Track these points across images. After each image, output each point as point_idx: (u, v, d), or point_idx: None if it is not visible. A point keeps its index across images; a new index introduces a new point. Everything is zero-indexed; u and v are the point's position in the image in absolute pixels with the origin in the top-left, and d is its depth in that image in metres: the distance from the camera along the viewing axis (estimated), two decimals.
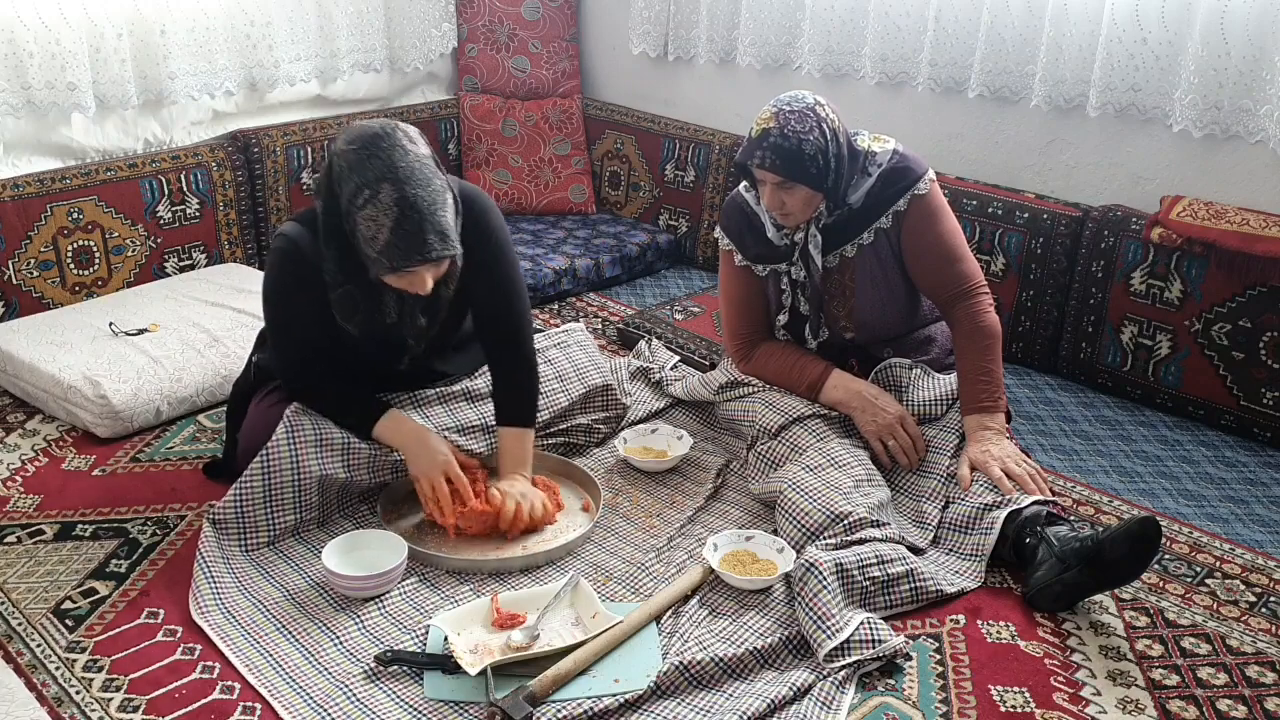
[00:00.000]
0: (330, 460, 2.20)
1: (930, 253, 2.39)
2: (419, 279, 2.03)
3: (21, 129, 3.13)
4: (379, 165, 1.97)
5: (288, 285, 2.17)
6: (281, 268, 2.16)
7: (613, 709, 1.77)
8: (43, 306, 3.08)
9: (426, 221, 1.96)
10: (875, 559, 2.03)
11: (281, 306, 2.20)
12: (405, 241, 1.96)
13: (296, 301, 2.17)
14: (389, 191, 1.95)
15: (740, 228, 2.50)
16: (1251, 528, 2.36)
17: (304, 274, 2.13)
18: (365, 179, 1.97)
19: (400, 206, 1.95)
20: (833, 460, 2.27)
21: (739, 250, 2.51)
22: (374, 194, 1.96)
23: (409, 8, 3.88)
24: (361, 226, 1.99)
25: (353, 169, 1.99)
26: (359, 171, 1.98)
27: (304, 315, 2.18)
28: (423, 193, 1.97)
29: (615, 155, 4.04)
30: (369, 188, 1.96)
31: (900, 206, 2.37)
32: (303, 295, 2.15)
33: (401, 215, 1.95)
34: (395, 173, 1.96)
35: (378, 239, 1.97)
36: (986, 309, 2.38)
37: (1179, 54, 2.76)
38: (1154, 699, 1.86)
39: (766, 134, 2.27)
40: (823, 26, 3.41)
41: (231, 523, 2.15)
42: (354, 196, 1.99)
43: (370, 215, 1.97)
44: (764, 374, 2.52)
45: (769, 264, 2.48)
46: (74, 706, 1.78)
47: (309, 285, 2.14)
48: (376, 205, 1.96)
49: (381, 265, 2.00)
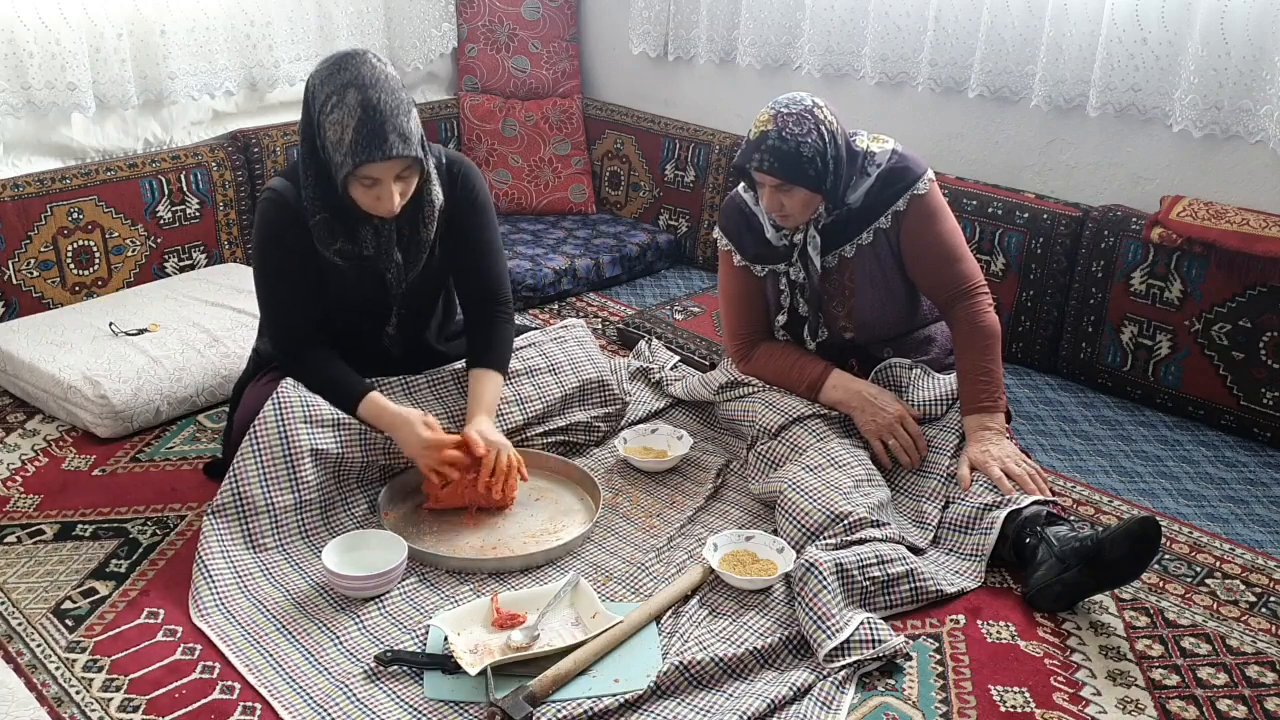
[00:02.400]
0: (321, 434, 2.20)
1: (929, 253, 2.39)
2: (384, 190, 2.09)
3: (21, 129, 3.13)
4: (347, 75, 2.07)
5: (274, 237, 2.23)
6: (267, 218, 2.23)
7: (613, 709, 1.77)
8: (43, 306, 3.08)
9: (388, 121, 2.04)
10: (875, 559, 2.03)
11: (270, 260, 2.25)
12: (367, 139, 2.03)
13: (284, 253, 2.22)
14: (353, 95, 2.05)
15: (739, 228, 2.50)
16: (1251, 528, 2.36)
17: (289, 224, 2.20)
18: (333, 87, 2.07)
19: (363, 107, 2.04)
20: (833, 460, 2.27)
21: (738, 250, 2.51)
22: (340, 99, 2.05)
23: (409, 8, 3.89)
24: (329, 131, 2.07)
25: (323, 82, 2.10)
26: (328, 83, 2.09)
27: (292, 270, 2.24)
28: (386, 97, 2.06)
29: (615, 155, 4.05)
30: (336, 94, 2.06)
31: (899, 206, 2.37)
32: (289, 245, 2.21)
33: (364, 114, 2.03)
34: (360, 79, 2.06)
35: (343, 141, 2.05)
36: (986, 309, 2.38)
37: (1179, 54, 2.76)
38: (1154, 699, 1.86)
39: (765, 136, 2.27)
40: (823, 26, 3.41)
41: (230, 508, 2.15)
42: (323, 105, 2.08)
43: (335, 119, 2.05)
44: (764, 374, 2.53)
45: (767, 264, 2.48)
46: (74, 706, 1.78)
47: (295, 235, 2.20)
48: (342, 108, 2.05)
49: (345, 166, 2.06)
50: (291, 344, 2.28)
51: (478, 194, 2.35)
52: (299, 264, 2.23)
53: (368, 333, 2.36)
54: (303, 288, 2.25)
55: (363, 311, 2.33)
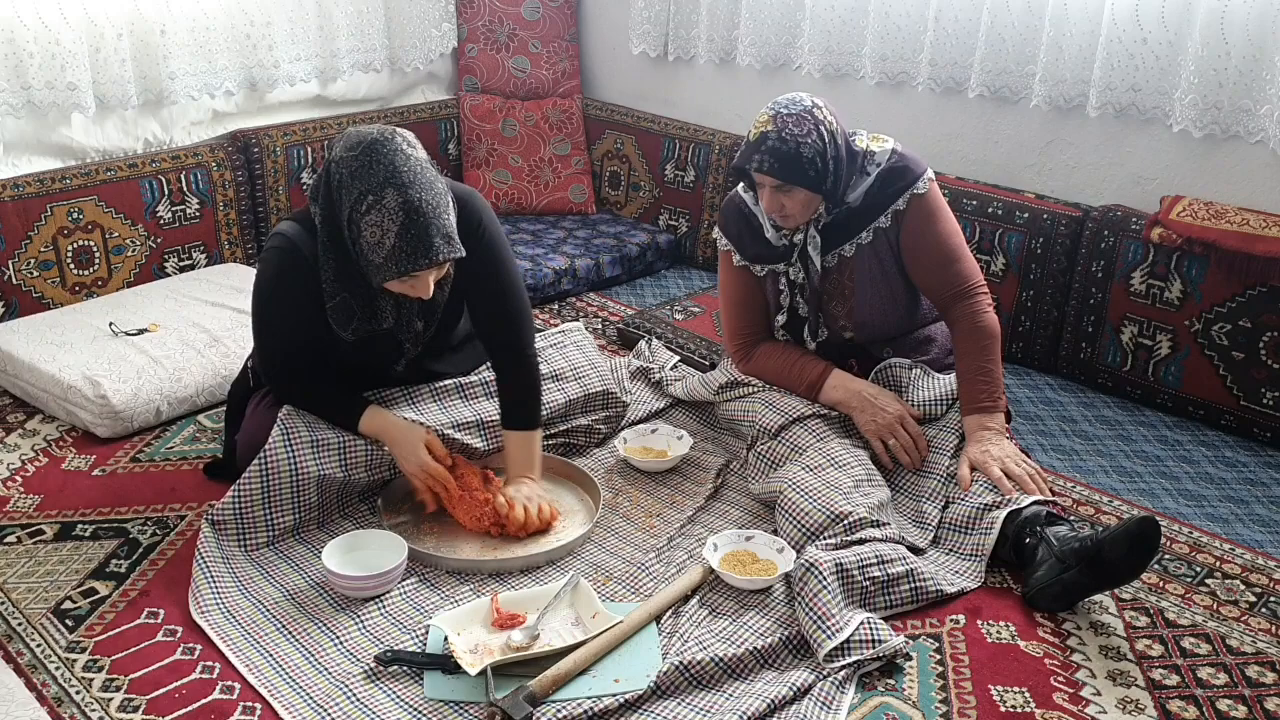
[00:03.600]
0: (328, 460, 2.20)
1: (929, 252, 2.39)
2: (422, 282, 2.03)
3: (21, 129, 3.13)
4: (382, 171, 1.96)
5: (283, 284, 2.15)
6: (279, 266, 2.15)
7: (613, 709, 1.77)
8: (43, 306, 3.08)
9: (432, 225, 1.96)
10: (875, 559, 2.03)
11: (273, 304, 2.19)
12: (412, 245, 1.95)
13: (290, 301, 2.16)
14: (393, 196, 1.94)
15: (738, 228, 2.50)
16: (1251, 528, 2.36)
17: (300, 276, 2.12)
18: (369, 185, 1.96)
19: (406, 211, 1.94)
20: (833, 460, 2.27)
21: (737, 250, 2.51)
22: (378, 199, 1.95)
23: (409, 8, 3.88)
24: (366, 233, 1.98)
25: (355, 176, 1.98)
26: (361, 178, 1.97)
27: (295, 316, 2.17)
28: (427, 196, 1.97)
29: (615, 155, 4.04)
30: (373, 193, 1.96)
31: (899, 206, 2.37)
32: (297, 296, 2.14)
33: (407, 219, 1.94)
34: (399, 177, 1.95)
35: (383, 244, 1.96)
36: (986, 309, 2.38)
37: (1179, 54, 2.76)
38: (1154, 699, 1.86)
39: (764, 137, 2.27)
40: (823, 26, 3.41)
41: (230, 523, 2.16)
42: (357, 203, 1.98)
43: (375, 221, 1.96)
44: (763, 374, 2.52)
45: (767, 264, 2.48)
46: (74, 706, 1.78)
47: (305, 287, 2.13)
48: (381, 210, 1.95)
49: (388, 271, 1.99)
50: (284, 372, 2.25)
51: (487, 230, 2.23)
52: (304, 314, 2.16)
53: (374, 369, 2.33)
54: (302, 332, 2.19)
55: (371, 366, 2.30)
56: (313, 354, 2.23)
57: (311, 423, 2.21)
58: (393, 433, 2.23)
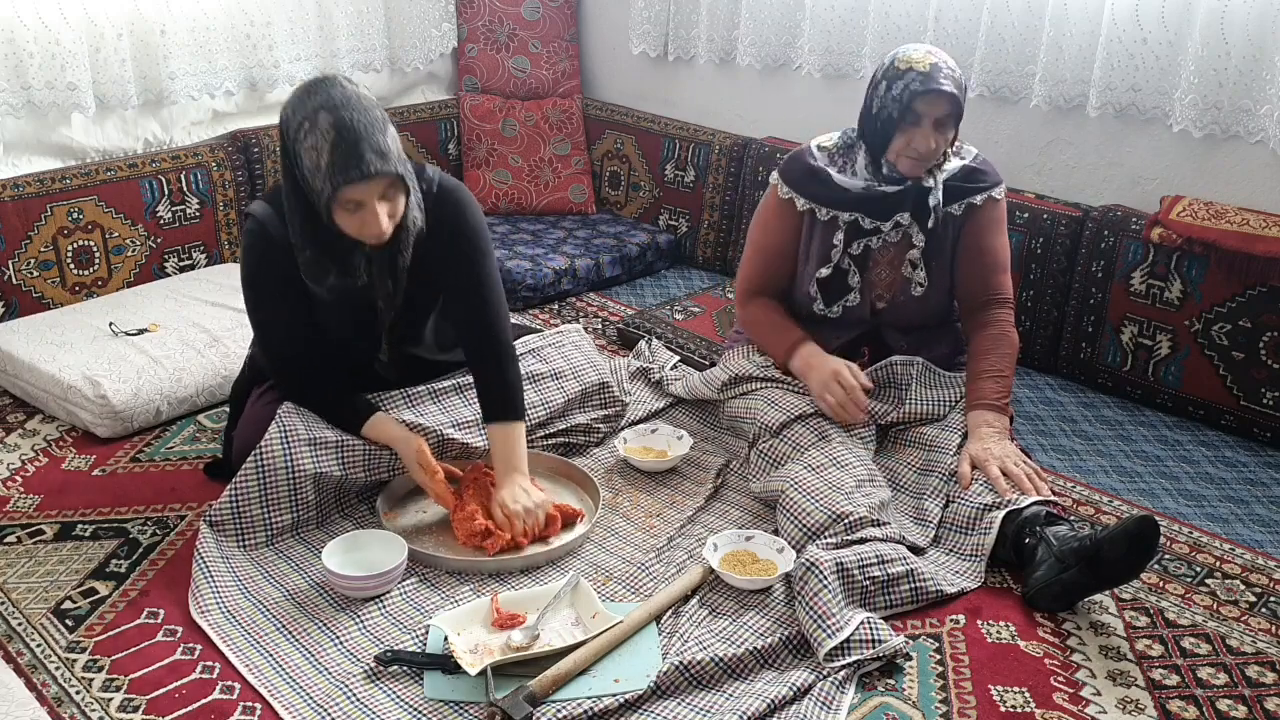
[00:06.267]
0: (325, 458, 2.20)
1: (986, 253, 2.47)
2: (370, 214, 2.02)
3: (21, 129, 3.13)
4: (318, 99, 2.00)
5: (261, 267, 2.19)
6: (253, 249, 2.19)
7: (613, 709, 1.77)
8: (43, 306, 3.08)
9: (363, 140, 1.97)
10: (875, 559, 2.03)
11: (259, 289, 2.22)
12: (344, 158, 1.96)
13: (273, 280, 2.19)
14: (325, 117, 1.97)
15: (806, 178, 2.48)
16: (1251, 528, 2.36)
17: (275, 255, 2.15)
18: (304, 113, 2.00)
19: (337, 129, 1.96)
20: (835, 460, 2.27)
21: (801, 195, 2.47)
22: (313, 124, 1.98)
23: (409, 8, 3.89)
24: (305, 159, 2.01)
25: (294, 110, 2.03)
26: (299, 109, 2.02)
27: (281, 297, 2.20)
28: (359, 116, 1.98)
29: (615, 155, 4.04)
30: (308, 120, 1.99)
31: (975, 201, 2.45)
32: (278, 272, 2.17)
33: (338, 136, 1.96)
34: (331, 101, 1.99)
35: (319, 166, 1.98)
36: (1013, 322, 2.48)
37: (1179, 54, 2.76)
38: (1154, 699, 1.86)
39: (936, 68, 2.28)
40: (823, 26, 3.41)
41: (228, 523, 2.16)
42: (296, 133, 2.01)
43: (310, 144, 1.99)
44: (752, 324, 2.58)
45: (834, 209, 2.45)
46: (74, 706, 1.78)
47: (282, 263, 2.15)
48: (315, 132, 1.98)
49: (325, 191, 1.99)
50: (289, 368, 2.25)
51: (468, 221, 2.24)
52: (289, 289, 2.18)
53: (360, 358, 2.33)
54: (297, 312, 2.21)
55: (354, 339, 2.30)
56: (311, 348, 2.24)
57: (309, 421, 2.21)
58: (394, 445, 2.24)
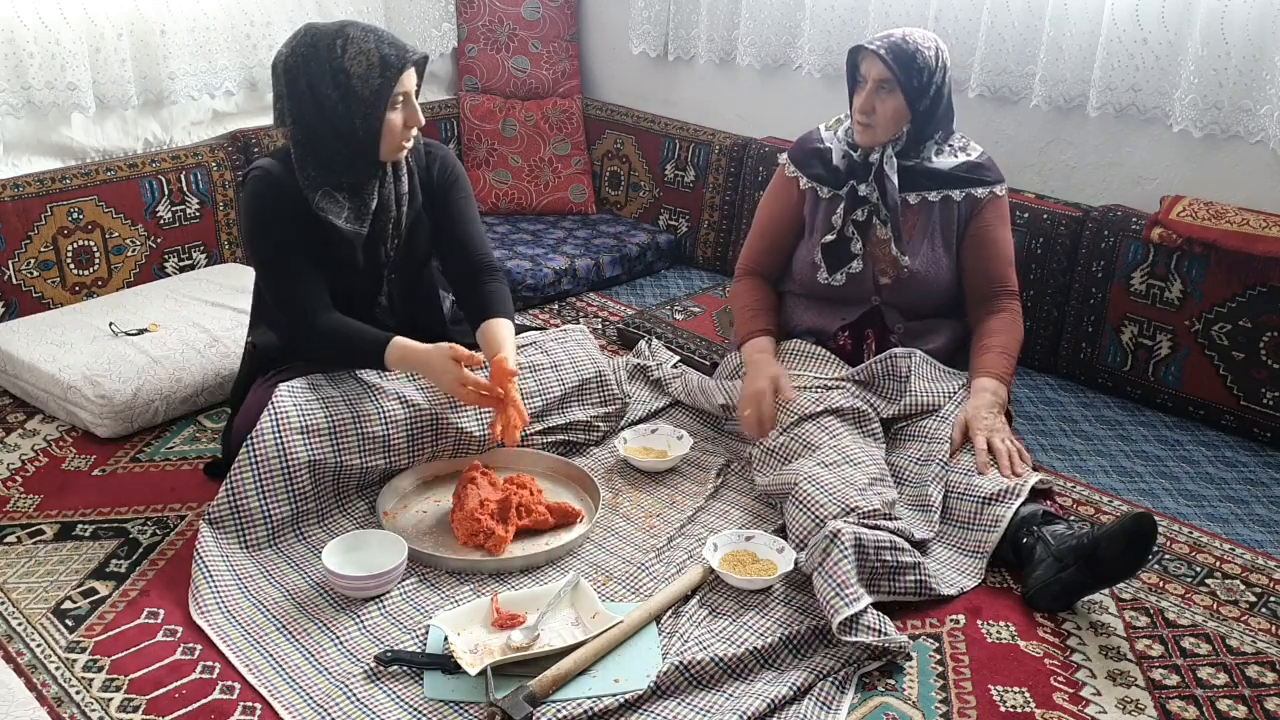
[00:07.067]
0: (318, 444, 2.20)
1: (994, 245, 2.52)
2: (413, 108, 2.23)
3: (21, 129, 3.13)
4: (328, 30, 2.19)
5: (269, 211, 2.26)
6: (261, 195, 2.26)
7: (613, 709, 1.77)
8: (43, 306, 3.08)
9: (391, 34, 2.21)
10: (889, 544, 2.03)
11: (272, 234, 2.27)
12: (391, 47, 2.18)
13: (283, 226, 2.25)
14: (353, 29, 2.18)
15: (809, 157, 2.60)
16: (1251, 528, 2.36)
17: (285, 196, 2.24)
18: (329, 40, 2.17)
19: (368, 30, 2.18)
20: (848, 457, 2.25)
21: (804, 173, 2.58)
22: (346, 39, 2.17)
23: (409, 8, 3.89)
24: (353, 68, 2.16)
25: (313, 48, 2.18)
26: (319, 41, 2.18)
27: (294, 242, 2.26)
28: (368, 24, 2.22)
29: (615, 155, 4.05)
30: (339, 38, 2.17)
31: (979, 194, 2.50)
32: (288, 218, 2.24)
33: (376, 36, 2.18)
34: (340, 23, 2.21)
35: (373, 63, 2.16)
36: (1021, 313, 2.54)
37: (1179, 54, 2.76)
38: (1154, 699, 1.86)
39: (890, 34, 2.41)
40: (823, 26, 3.41)
41: (228, 519, 2.15)
42: (331, 57, 2.16)
43: (355, 51, 2.16)
44: (736, 300, 2.68)
45: (833, 188, 2.54)
46: (74, 706, 1.78)
47: (291, 208, 2.24)
48: (354, 43, 2.16)
49: (388, 81, 2.16)
50: (308, 317, 2.26)
51: (455, 170, 2.46)
52: (299, 235, 2.25)
53: (360, 307, 2.36)
54: (308, 259, 2.27)
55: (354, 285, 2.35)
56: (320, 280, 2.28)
57: (301, 405, 2.20)
58: (420, 358, 2.25)
